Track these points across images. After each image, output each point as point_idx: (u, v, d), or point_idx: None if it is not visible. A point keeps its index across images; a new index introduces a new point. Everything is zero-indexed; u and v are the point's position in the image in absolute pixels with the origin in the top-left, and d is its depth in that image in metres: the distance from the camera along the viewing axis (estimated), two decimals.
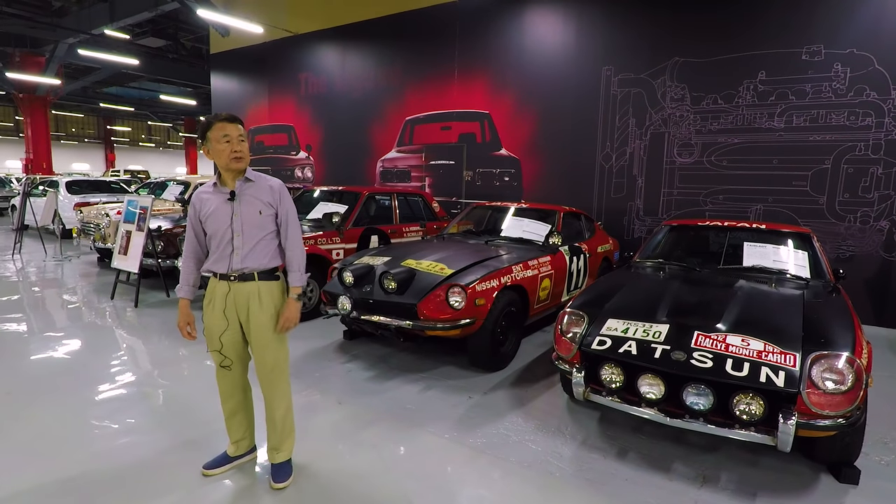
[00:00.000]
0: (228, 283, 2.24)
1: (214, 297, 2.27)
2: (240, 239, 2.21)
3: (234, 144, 2.16)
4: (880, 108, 5.42)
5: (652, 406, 2.48)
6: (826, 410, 2.20)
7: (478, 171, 8.20)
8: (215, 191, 2.25)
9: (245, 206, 2.22)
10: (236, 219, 2.20)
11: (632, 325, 2.75)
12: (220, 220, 2.20)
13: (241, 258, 2.21)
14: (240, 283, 2.24)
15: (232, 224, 2.20)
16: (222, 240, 2.21)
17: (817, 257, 3.67)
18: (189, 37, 17.35)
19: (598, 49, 7.00)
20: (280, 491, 2.33)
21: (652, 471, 2.58)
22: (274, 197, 2.28)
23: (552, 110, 7.44)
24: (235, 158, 2.17)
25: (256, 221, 2.23)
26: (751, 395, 2.27)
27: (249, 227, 2.22)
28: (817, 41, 5.66)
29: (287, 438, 2.42)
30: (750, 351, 2.41)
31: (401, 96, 9.01)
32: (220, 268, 2.23)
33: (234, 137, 2.17)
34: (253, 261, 2.23)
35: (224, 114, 2.20)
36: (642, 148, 6.76)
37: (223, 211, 2.20)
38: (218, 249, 2.23)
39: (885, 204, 5.48)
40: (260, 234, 2.24)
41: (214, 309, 2.27)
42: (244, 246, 2.21)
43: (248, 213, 2.22)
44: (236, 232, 2.20)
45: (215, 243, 2.23)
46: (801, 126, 5.80)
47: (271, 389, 2.36)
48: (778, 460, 2.67)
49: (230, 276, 2.23)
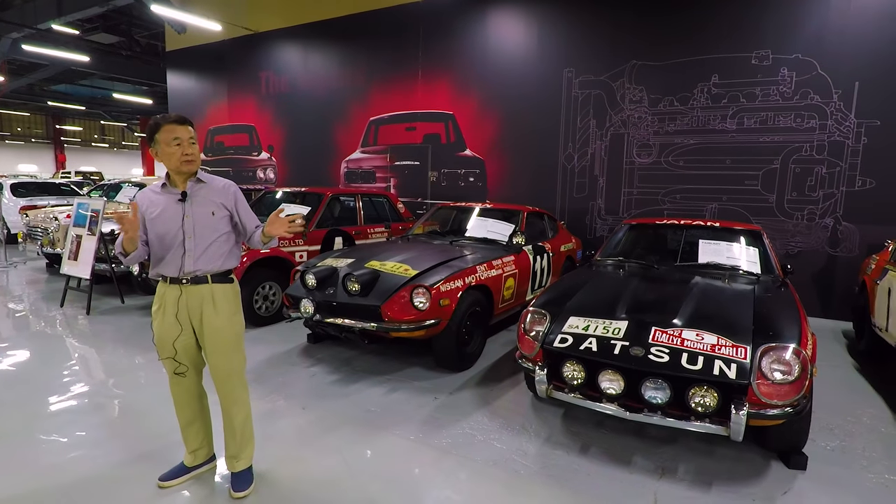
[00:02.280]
0: (180, 286, 2.17)
1: (165, 303, 2.20)
2: (192, 241, 2.15)
3: (184, 147, 2.11)
4: (823, 111, 5.70)
5: (612, 401, 2.53)
6: (775, 400, 2.29)
7: (443, 171, 8.21)
8: (164, 192, 2.18)
9: (197, 207, 2.17)
10: (188, 220, 2.14)
11: (592, 322, 2.81)
12: (171, 222, 2.14)
13: (193, 260, 2.15)
14: (192, 286, 2.18)
15: (183, 226, 2.14)
16: (173, 242, 2.15)
17: (767, 254, 3.83)
18: (143, 33, 16.73)
19: (560, 51, 7.11)
20: (240, 500, 2.27)
21: (613, 465, 2.64)
22: (227, 198, 2.24)
23: (515, 111, 7.53)
24: (186, 161, 2.12)
25: (209, 223, 2.18)
26: (705, 388, 2.35)
27: (202, 229, 2.16)
28: (765, 46, 5.92)
29: (247, 446, 2.36)
30: (704, 345, 2.49)
31: (365, 96, 8.94)
32: (171, 271, 2.16)
33: (185, 140, 2.11)
34: (206, 263, 2.18)
35: (173, 115, 2.14)
36: (603, 148, 6.91)
37: (173, 212, 2.14)
38: (168, 252, 2.15)
39: (830, 202, 5.77)
40: (213, 235, 2.19)
41: (166, 314, 2.19)
42: (196, 248, 2.16)
43: (201, 215, 2.16)
44: (188, 234, 2.14)
45: (163, 245, 2.16)
46: (752, 128, 6.05)
47: (229, 396, 2.30)
48: (732, 450, 2.77)
49: (182, 280, 2.17)
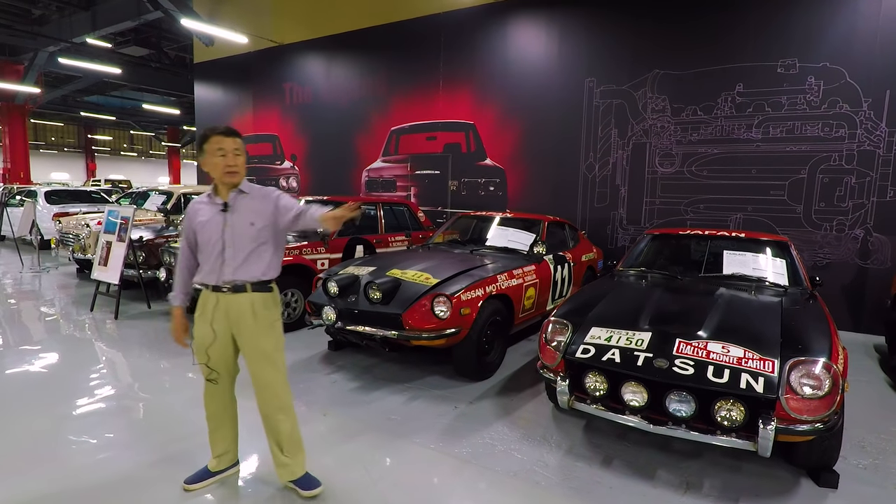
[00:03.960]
0: (219, 294, 2.23)
1: (205, 310, 2.26)
2: (231, 250, 2.19)
3: (228, 158, 2.16)
4: (853, 119, 5.58)
5: (635, 413, 2.50)
6: (804, 415, 2.24)
7: (463, 180, 8.24)
8: (210, 202, 2.25)
9: (237, 217, 2.20)
10: (227, 230, 2.19)
11: (615, 333, 2.78)
12: (212, 231, 2.19)
13: (232, 269, 2.19)
14: (232, 294, 2.21)
15: (223, 235, 2.19)
16: (213, 251, 2.20)
17: (795, 265, 3.75)
18: (173, 46, 17.24)
19: (581, 61, 7.11)
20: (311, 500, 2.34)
21: (636, 478, 2.60)
22: (268, 206, 2.24)
23: (536, 121, 7.53)
24: (229, 172, 2.17)
25: (248, 233, 2.20)
26: (731, 402, 2.30)
27: (241, 239, 2.20)
28: (792, 55, 5.83)
29: (298, 453, 2.39)
30: (730, 358, 2.45)
31: (386, 106, 9.04)
32: (211, 279, 2.22)
33: (230, 151, 2.16)
34: (245, 272, 2.21)
35: (222, 126, 2.19)
36: (625, 158, 6.86)
37: (215, 222, 2.20)
38: (209, 261, 2.21)
39: (860, 213, 5.63)
40: (251, 245, 2.21)
41: (204, 321, 2.25)
42: (235, 257, 2.19)
43: (240, 225, 2.20)
44: (227, 243, 2.19)
45: (206, 254, 2.22)
46: (778, 137, 5.94)
47: (271, 403, 2.30)
48: (759, 465, 2.71)
49: (221, 288, 2.21)
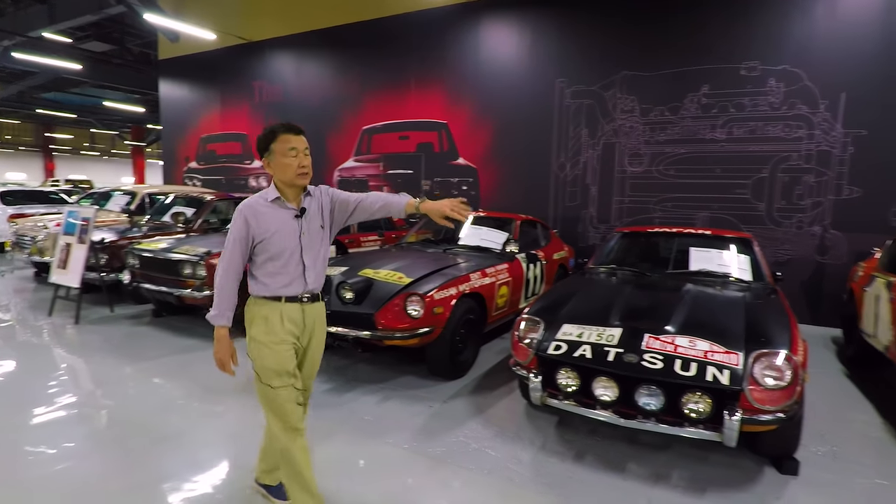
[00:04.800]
0: (300, 305, 2.04)
1: (280, 324, 2.00)
2: (310, 258, 2.04)
3: (301, 158, 1.96)
4: (810, 120, 5.79)
5: (607, 408, 2.53)
6: (767, 406, 2.31)
7: (436, 180, 8.24)
8: (278, 206, 2.01)
9: (309, 222, 2.05)
10: (304, 237, 2.03)
11: (586, 329, 2.82)
12: (288, 239, 1.99)
13: (314, 277, 2.06)
14: (311, 304, 2.07)
15: (301, 242, 2.01)
16: (291, 260, 2.00)
17: (757, 261, 3.86)
18: (136, 42, 16.71)
19: (552, 61, 7.19)
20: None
21: (608, 472, 2.64)
22: (326, 205, 2.12)
23: (508, 120, 7.58)
24: (302, 174, 1.98)
25: (319, 236, 2.09)
26: (699, 394, 2.36)
27: (315, 243, 2.07)
28: (754, 58, 6.02)
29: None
30: (697, 351, 2.51)
31: (358, 105, 8.97)
32: (293, 290, 2.01)
33: (301, 150, 1.97)
34: (320, 279, 2.11)
35: (288, 123, 2.00)
36: (595, 158, 6.97)
37: (291, 228, 2.00)
38: (287, 271, 2.00)
39: (817, 210, 5.85)
40: (323, 250, 2.11)
41: (279, 336, 2.00)
42: (315, 265, 2.06)
43: (313, 230, 2.06)
44: (305, 250, 2.03)
45: (281, 264, 1.99)
46: (742, 137, 6.13)
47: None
48: (725, 456, 2.78)
49: (302, 298, 2.04)
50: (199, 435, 2.98)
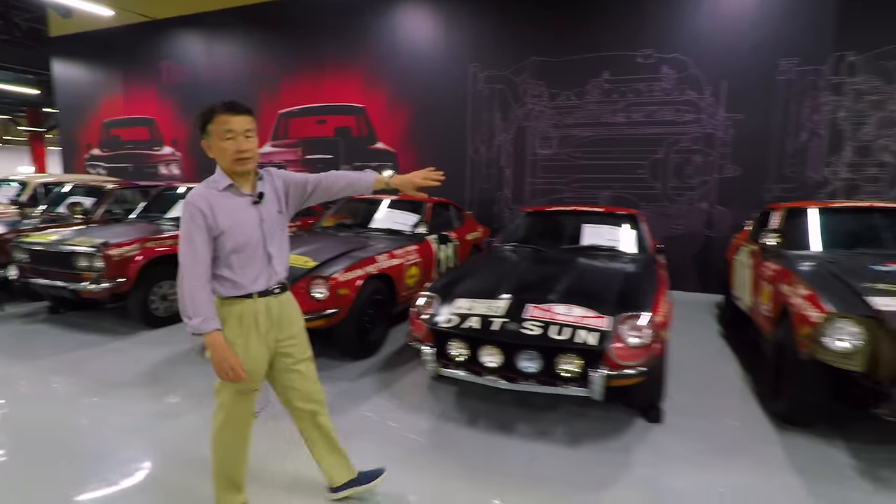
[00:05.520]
0: (268, 299, 1.91)
1: (255, 322, 1.88)
2: (274, 246, 1.91)
3: (239, 142, 1.77)
4: (697, 105, 6.30)
5: (493, 374, 2.73)
6: (629, 362, 2.58)
7: (355, 165, 8.21)
8: (232, 193, 1.83)
9: (267, 208, 1.90)
10: (265, 224, 1.88)
11: (477, 303, 2.99)
12: (250, 230, 1.84)
13: (281, 267, 1.95)
14: (282, 294, 1.96)
15: (262, 230, 1.87)
16: (255, 252, 1.85)
17: (642, 235, 4.22)
18: (24, 16, 15.20)
19: (465, 46, 7.32)
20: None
21: (498, 432, 2.85)
22: (279, 188, 1.97)
23: (425, 105, 7.67)
24: (240, 159, 1.78)
25: (279, 223, 1.95)
26: (571, 356, 2.60)
27: (276, 231, 1.94)
28: (649, 46, 6.43)
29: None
30: (572, 317, 2.75)
31: (274, 88, 8.72)
32: (260, 284, 1.88)
33: (240, 133, 1.77)
34: (286, 268, 2.00)
35: (229, 101, 1.78)
36: (508, 141, 7.21)
37: (250, 217, 1.84)
38: (252, 264, 1.86)
39: (705, 188, 6.40)
40: (284, 236, 1.99)
41: (254, 336, 1.88)
42: (280, 254, 1.94)
43: (272, 216, 1.91)
44: (268, 238, 1.89)
45: (246, 257, 1.84)
46: (639, 121, 6.56)
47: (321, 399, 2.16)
48: (603, 412, 3.07)
49: (273, 290, 1.92)
50: (103, 432, 2.90)
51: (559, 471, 2.50)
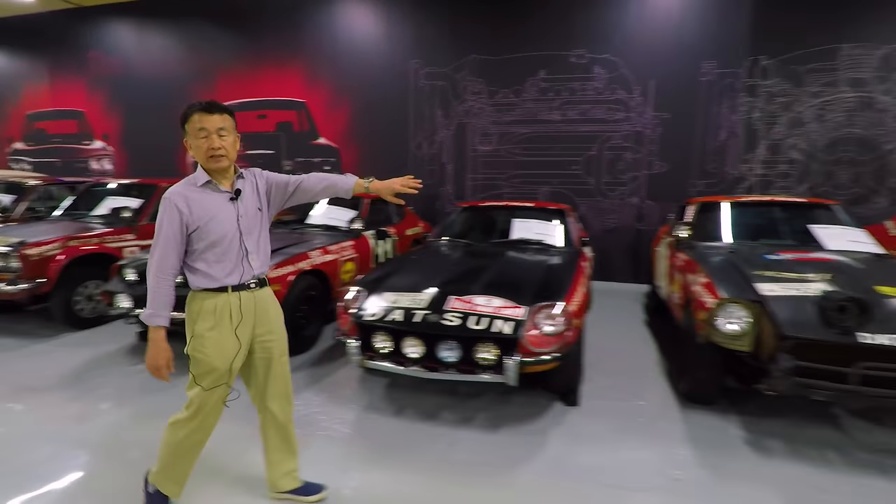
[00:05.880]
0: (242, 293, 1.96)
1: (223, 317, 1.92)
2: (251, 242, 1.97)
3: (211, 140, 1.83)
4: (627, 104, 6.60)
5: (416, 364, 2.82)
6: (543, 348, 2.73)
7: (297, 160, 8.11)
8: (208, 190, 1.91)
9: (245, 205, 1.97)
10: (242, 220, 1.94)
11: (403, 296, 3.08)
12: (227, 225, 1.90)
13: (259, 262, 2.00)
14: (259, 289, 2.01)
15: (239, 225, 1.93)
16: (231, 247, 1.91)
17: (569, 229, 4.41)
18: None
19: (406, 43, 7.36)
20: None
21: (422, 421, 2.95)
22: (261, 186, 2.05)
23: (367, 100, 7.66)
24: (214, 156, 1.85)
25: (258, 219, 2.02)
26: (488, 344, 2.73)
27: (255, 227, 2.00)
28: (582, 46, 6.67)
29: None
30: (490, 308, 2.87)
31: (211, 82, 8.47)
32: (235, 278, 1.93)
33: (212, 131, 1.83)
34: (264, 263, 2.05)
35: (205, 102, 1.87)
36: (449, 137, 7.32)
37: (227, 213, 1.91)
38: (228, 258, 1.91)
39: (635, 183, 6.72)
40: (263, 233, 2.05)
41: (224, 331, 1.92)
42: (257, 249, 2.00)
43: (250, 213, 1.98)
44: (245, 234, 1.95)
45: (221, 251, 1.90)
46: (574, 119, 6.81)
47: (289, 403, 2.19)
48: (525, 397, 3.22)
49: (249, 285, 1.97)
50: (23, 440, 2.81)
51: (476, 454, 2.62)
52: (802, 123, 6.16)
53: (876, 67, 5.87)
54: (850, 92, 5.98)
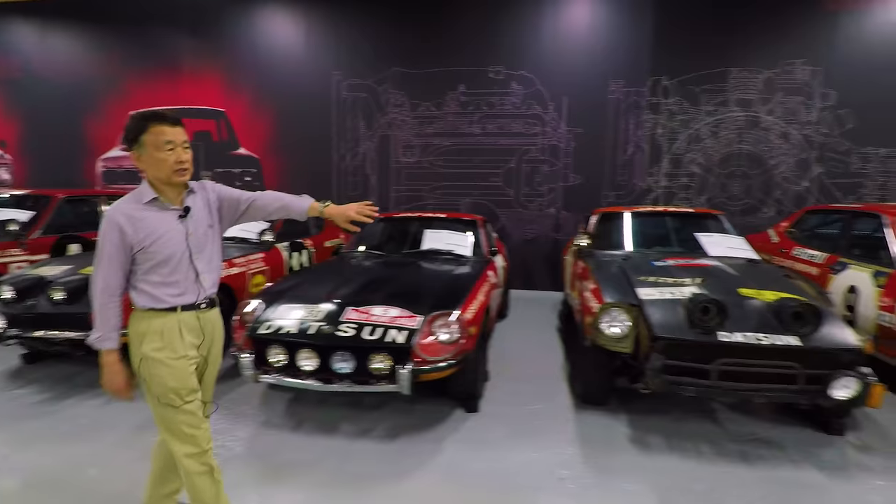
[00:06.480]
0: (197, 313, 1.85)
1: (179, 335, 1.81)
2: (201, 262, 1.85)
3: (178, 153, 1.74)
4: (543, 119, 6.88)
5: (310, 377, 2.79)
6: (437, 356, 2.78)
7: (216, 171, 7.85)
8: (154, 207, 1.78)
9: (195, 222, 1.85)
10: (192, 238, 1.83)
11: (300, 308, 3.04)
12: (176, 244, 1.79)
13: (210, 282, 1.89)
14: (209, 310, 1.91)
15: (189, 244, 1.81)
16: (180, 265, 1.80)
17: (479, 239, 4.53)
18: None
19: (328, 54, 7.33)
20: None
21: (321, 434, 2.92)
22: (212, 202, 1.93)
23: (289, 110, 7.54)
24: (181, 170, 1.76)
25: (209, 237, 1.90)
26: (382, 354, 2.74)
27: (206, 246, 1.88)
28: (499, 63, 6.90)
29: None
30: (386, 318, 2.90)
31: (122, 88, 8.06)
32: (189, 298, 1.83)
33: (179, 143, 1.74)
34: (216, 283, 1.93)
35: (161, 112, 1.76)
36: (373, 149, 7.33)
37: (176, 231, 1.79)
38: (175, 277, 1.80)
39: (552, 195, 6.99)
40: (215, 251, 1.94)
41: (179, 349, 1.80)
42: (210, 268, 1.89)
43: (200, 230, 1.86)
44: (195, 253, 1.83)
45: (166, 272, 1.78)
46: (493, 132, 7.01)
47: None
48: (429, 405, 3.25)
49: (200, 305, 1.86)
50: None
51: (369, 465, 2.62)
52: (700, 139, 6.65)
53: (760, 90, 6.44)
54: (739, 111, 6.53)
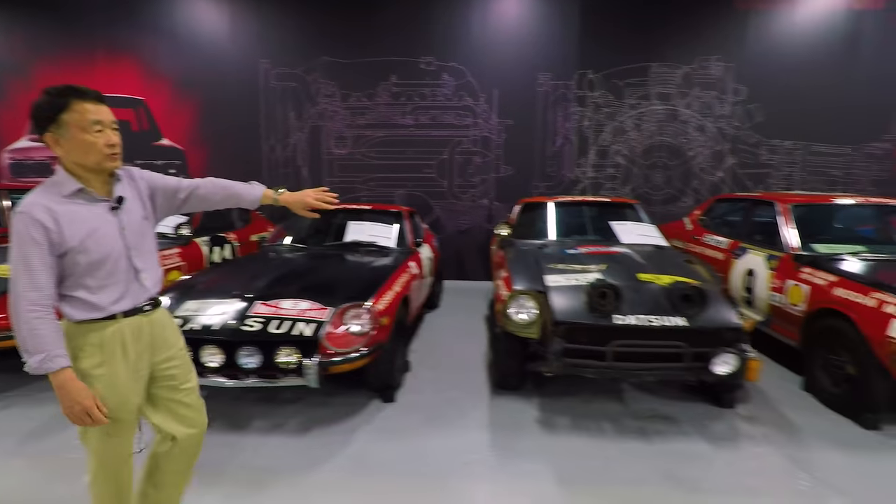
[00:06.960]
0: (139, 318, 1.65)
1: (121, 348, 1.59)
2: (139, 259, 1.64)
3: (108, 135, 1.52)
4: (474, 110, 6.95)
5: (216, 373, 2.73)
6: (346, 348, 2.78)
7: (137, 163, 7.45)
8: (81, 200, 1.53)
9: (129, 214, 1.63)
10: (126, 233, 1.61)
11: (207, 304, 2.96)
12: (110, 241, 1.56)
13: (152, 281, 1.70)
14: (154, 312, 1.71)
15: (124, 240, 1.60)
16: (117, 265, 1.57)
17: (404, 230, 4.54)
18: None
19: (254, 42, 7.08)
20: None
21: (231, 432, 2.85)
22: (143, 190, 1.71)
23: (215, 100, 7.24)
24: (112, 155, 1.54)
25: (144, 230, 1.69)
26: (289, 348, 2.71)
27: (142, 240, 1.67)
28: (430, 54, 6.90)
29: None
30: (295, 311, 2.87)
31: (28, 74, 7.48)
32: (126, 303, 1.60)
33: (108, 124, 1.53)
34: (159, 282, 1.74)
35: (81, 87, 1.50)
36: (304, 140, 7.18)
37: (109, 226, 1.56)
38: (113, 280, 1.57)
39: (484, 186, 7.09)
40: (152, 244, 1.74)
41: (121, 364, 1.59)
42: (149, 266, 1.69)
43: (134, 223, 1.64)
44: (133, 249, 1.62)
45: (102, 274, 1.54)
46: (426, 123, 7.02)
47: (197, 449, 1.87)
48: (346, 398, 3.25)
49: (143, 308, 1.66)
50: None
51: (278, 459, 2.60)
52: (624, 132, 6.92)
53: (678, 84, 6.76)
54: (659, 105, 6.83)
